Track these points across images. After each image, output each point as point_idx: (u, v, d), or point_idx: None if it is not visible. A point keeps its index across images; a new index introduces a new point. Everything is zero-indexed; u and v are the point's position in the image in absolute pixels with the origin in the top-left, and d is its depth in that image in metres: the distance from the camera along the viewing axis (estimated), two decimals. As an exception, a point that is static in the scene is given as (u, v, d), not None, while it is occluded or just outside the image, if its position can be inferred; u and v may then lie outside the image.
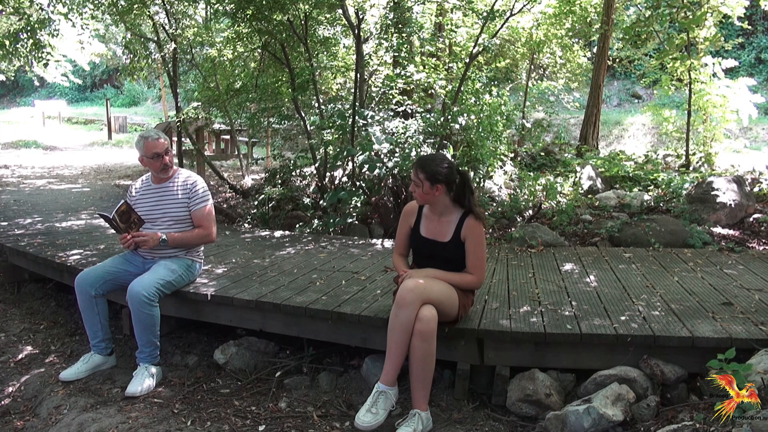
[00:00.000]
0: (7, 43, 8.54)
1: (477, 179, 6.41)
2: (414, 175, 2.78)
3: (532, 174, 7.05)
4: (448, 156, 3.34)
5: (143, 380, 3.07)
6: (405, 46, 7.71)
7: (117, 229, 3.25)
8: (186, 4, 8.31)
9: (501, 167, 7.08)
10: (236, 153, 10.17)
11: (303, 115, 7.04)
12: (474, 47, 6.92)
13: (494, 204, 6.19)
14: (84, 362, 3.28)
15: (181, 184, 3.45)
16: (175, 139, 8.92)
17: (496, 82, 8.79)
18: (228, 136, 10.77)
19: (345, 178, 6.45)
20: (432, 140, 6.26)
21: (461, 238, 2.79)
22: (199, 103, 8.84)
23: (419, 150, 6.11)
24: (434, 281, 2.68)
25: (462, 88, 6.72)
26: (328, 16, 7.51)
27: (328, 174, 6.68)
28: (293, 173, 7.32)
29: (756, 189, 6.30)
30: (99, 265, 3.39)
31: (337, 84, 9.11)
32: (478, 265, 2.79)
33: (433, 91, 8.17)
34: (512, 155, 8.11)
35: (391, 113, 7.06)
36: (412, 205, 2.97)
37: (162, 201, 3.41)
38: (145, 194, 3.47)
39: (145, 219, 3.32)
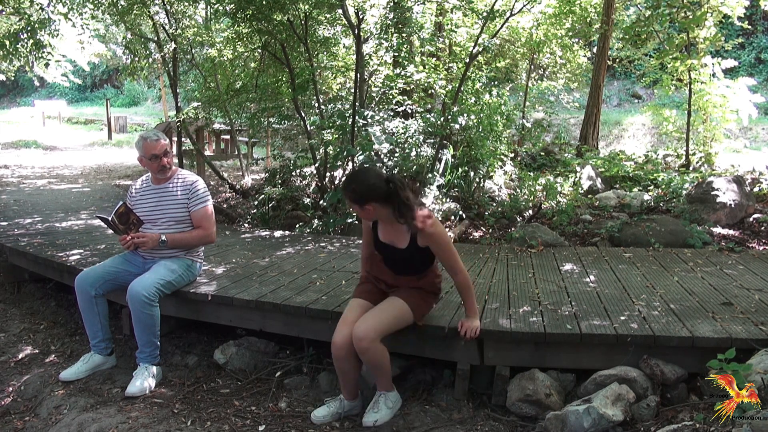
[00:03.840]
0: (7, 43, 8.53)
1: (477, 179, 6.41)
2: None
3: (532, 174, 7.05)
4: (380, 170, 3.23)
5: (143, 380, 3.07)
6: (405, 46, 7.71)
7: (116, 231, 3.25)
8: (186, 4, 8.30)
9: (501, 167, 7.07)
10: (236, 153, 10.16)
11: (303, 115, 7.03)
12: (474, 47, 6.91)
13: (494, 204, 6.19)
14: (84, 362, 3.29)
15: (180, 185, 3.45)
16: (175, 139, 8.91)
17: (496, 82, 8.78)
18: (228, 136, 10.75)
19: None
20: (432, 140, 6.26)
21: (419, 244, 2.70)
22: (199, 103, 8.83)
23: (419, 150, 6.11)
24: (379, 313, 2.67)
25: (462, 88, 6.71)
26: (328, 16, 7.49)
27: (328, 174, 6.68)
28: (293, 173, 7.32)
29: (756, 189, 6.30)
30: (99, 265, 3.40)
31: (337, 84, 9.10)
32: (455, 267, 2.70)
33: (433, 91, 8.17)
34: (512, 155, 8.10)
35: (391, 113, 7.06)
36: None
37: (162, 201, 3.41)
38: (145, 194, 3.47)
39: (144, 219, 3.32)
